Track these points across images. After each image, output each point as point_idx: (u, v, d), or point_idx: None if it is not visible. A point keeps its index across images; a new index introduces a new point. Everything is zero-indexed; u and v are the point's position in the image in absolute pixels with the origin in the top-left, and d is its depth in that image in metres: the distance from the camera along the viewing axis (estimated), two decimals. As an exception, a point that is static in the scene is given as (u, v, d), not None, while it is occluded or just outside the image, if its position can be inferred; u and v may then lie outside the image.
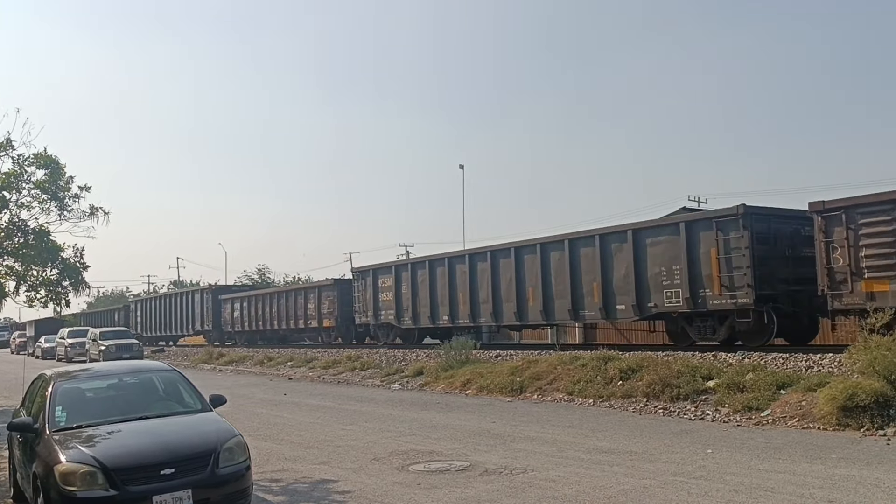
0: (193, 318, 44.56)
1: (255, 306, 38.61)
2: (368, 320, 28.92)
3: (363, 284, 29.12)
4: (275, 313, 36.60)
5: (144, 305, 53.48)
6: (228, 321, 41.34)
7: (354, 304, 29.74)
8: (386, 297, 27.93)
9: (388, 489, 8.61)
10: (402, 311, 27.03)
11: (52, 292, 14.82)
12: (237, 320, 40.33)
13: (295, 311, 34.82)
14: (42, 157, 14.24)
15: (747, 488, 7.84)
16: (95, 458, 6.81)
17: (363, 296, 29.13)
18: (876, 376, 11.06)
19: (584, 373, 15.91)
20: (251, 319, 38.88)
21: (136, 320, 53.60)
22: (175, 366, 11.15)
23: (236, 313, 40.49)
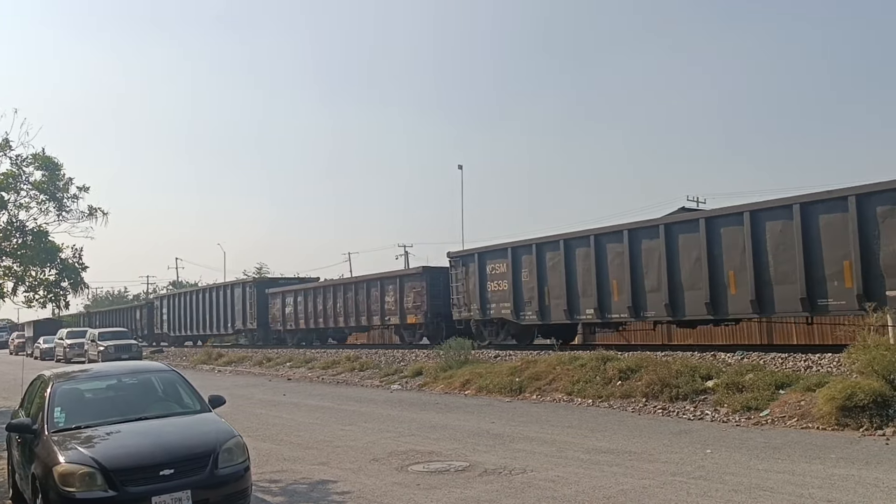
0: (233, 315, 39.67)
1: (313, 301, 33.36)
2: (471, 315, 24.02)
3: (464, 272, 24.25)
4: (339, 309, 31.50)
5: (172, 302, 48.26)
6: (278, 318, 36.26)
7: (452, 295, 24.84)
8: (498, 286, 22.82)
9: (388, 490, 8.61)
10: (522, 303, 22.01)
11: (51, 293, 14.82)
12: (289, 317, 35.30)
13: (368, 305, 29.64)
14: (40, 158, 14.25)
15: (746, 488, 7.84)
16: (94, 459, 6.80)
17: (464, 286, 24.17)
18: (875, 376, 11.07)
19: (583, 373, 15.91)
20: (308, 316, 33.77)
21: (160, 319, 49.70)
22: (174, 366, 11.16)
23: (288, 309, 35.34)
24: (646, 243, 18.26)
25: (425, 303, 26.73)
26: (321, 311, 32.90)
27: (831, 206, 14.75)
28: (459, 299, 24.63)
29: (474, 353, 20.61)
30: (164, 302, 50.35)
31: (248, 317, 38.09)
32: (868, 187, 14.35)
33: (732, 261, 16.30)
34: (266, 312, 37.31)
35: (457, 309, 24.77)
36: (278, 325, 36.42)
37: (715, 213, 17.36)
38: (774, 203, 15.83)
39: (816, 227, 14.91)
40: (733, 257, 16.27)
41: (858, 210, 14.26)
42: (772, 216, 15.67)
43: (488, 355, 20.64)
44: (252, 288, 38.19)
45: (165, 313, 48.82)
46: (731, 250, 16.35)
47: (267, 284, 38.75)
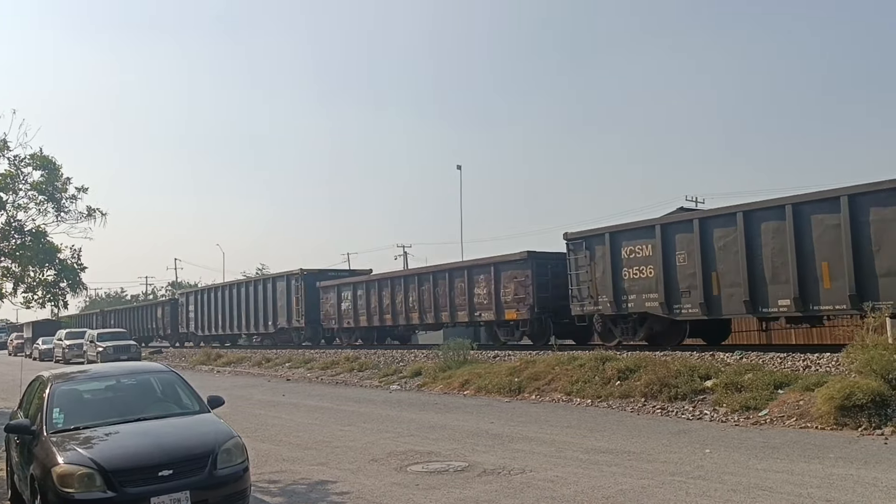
0: (275, 312, 35.06)
1: (377, 295, 28.63)
2: (598, 308, 19.98)
3: (587, 257, 20.14)
4: (412, 303, 26.84)
5: (201, 298, 43.11)
6: (332, 315, 31.50)
7: (571, 285, 20.67)
8: (639, 272, 18.86)
9: (387, 490, 8.61)
10: (677, 294, 17.93)
11: (50, 293, 14.81)
12: (346, 314, 30.52)
13: (450, 299, 25.01)
14: (38, 158, 14.24)
15: (745, 488, 7.85)
16: (93, 460, 6.80)
17: (588, 273, 20.05)
18: (873, 376, 11.08)
19: (582, 373, 15.91)
20: (371, 312, 28.99)
21: (186, 317, 44.78)
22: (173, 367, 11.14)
23: (345, 304, 30.60)
24: (877, 212, 14.32)
25: (530, 295, 22.16)
26: (387, 306, 28.08)
27: None
28: (581, 290, 20.40)
29: (473, 353, 20.61)
30: (191, 298, 44.85)
31: (295, 313, 33.47)
32: None
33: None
34: (316, 308, 32.65)
35: (577, 302, 20.56)
36: (332, 322, 31.70)
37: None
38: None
39: None
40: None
41: None
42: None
43: (487, 355, 20.64)
44: (300, 281, 33.22)
45: (192, 311, 43.93)
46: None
47: (316, 277, 33.46)
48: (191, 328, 44.36)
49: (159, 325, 50.47)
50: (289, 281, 34.27)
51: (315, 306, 32.77)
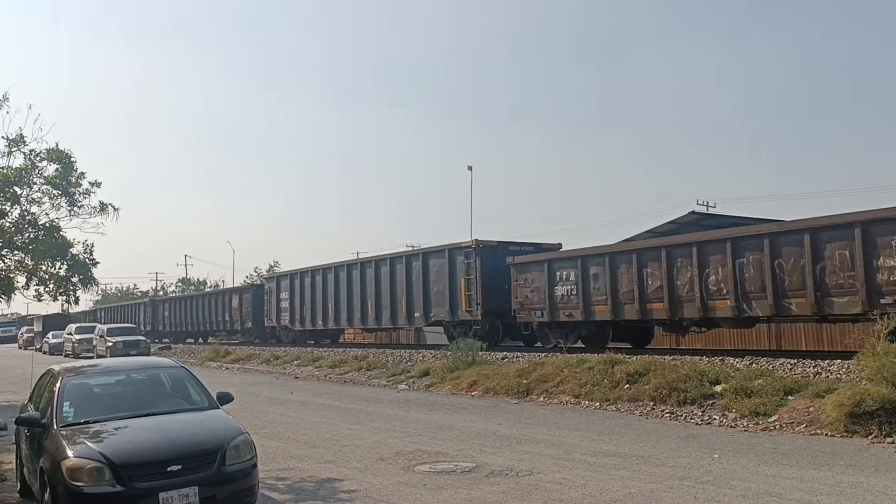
0: (426, 300, 25.45)
1: (610, 273, 19.09)
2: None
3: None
4: (695, 286, 16.93)
5: (303, 283, 33.25)
6: (537, 304, 21.22)
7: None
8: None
9: (394, 489, 8.61)
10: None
11: (61, 287, 14.88)
12: (566, 301, 20.39)
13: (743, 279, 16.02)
14: (54, 152, 14.31)
15: (754, 494, 7.81)
16: (102, 454, 6.84)
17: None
18: (884, 383, 11.00)
19: (591, 376, 15.86)
20: (623, 299, 18.86)
21: (277, 307, 35.37)
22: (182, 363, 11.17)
23: (565, 289, 20.50)
24: None
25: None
26: (629, 289, 18.60)
27: None
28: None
29: (482, 354, 20.58)
30: (285, 283, 34.81)
31: (464, 302, 23.75)
32: None
33: None
34: (500, 294, 22.68)
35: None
36: (535, 313, 21.37)
37: None
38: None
39: None
40: None
41: None
42: None
43: (495, 357, 20.61)
44: (473, 256, 23.59)
45: (287, 299, 34.51)
46: None
47: (495, 251, 23.63)
48: (283, 321, 34.99)
49: (234, 318, 40.45)
50: (452, 256, 24.42)
51: (498, 291, 22.76)
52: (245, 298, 39.79)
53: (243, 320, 39.83)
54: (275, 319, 35.81)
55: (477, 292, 23.34)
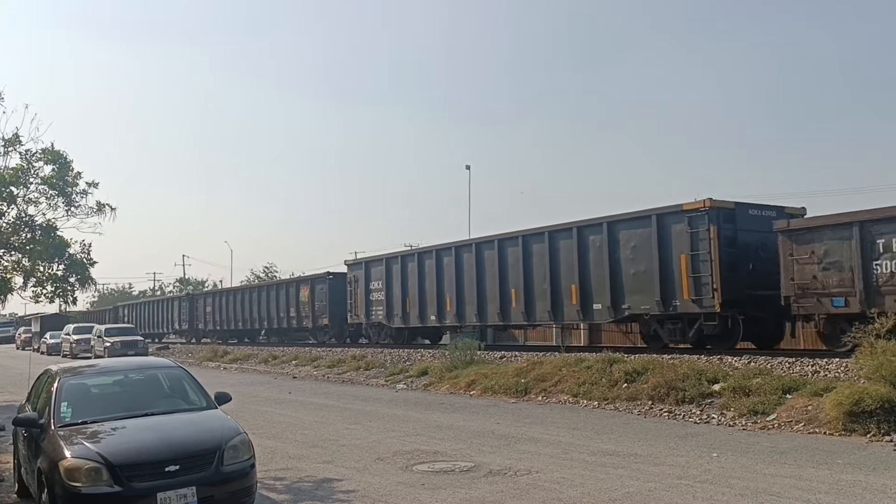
0: (616, 283, 18.87)
1: None
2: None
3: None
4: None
5: (401, 268, 26.70)
6: (834, 283, 14.60)
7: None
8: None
9: (392, 489, 8.60)
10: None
11: (59, 288, 14.86)
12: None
13: None
14: (50, 153, 14.29)
15: (753, 492, 7.81)
16: (100, 455, 6.82)
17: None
18: (882, 382, 11.02)
19: (589, 375, 15.88)
20: None
21: (364, 298, 28.66)
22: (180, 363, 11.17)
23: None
24: None
25: None
26: None
27: None
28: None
29: (480, 354, 20.60)
30: (378, 269, 27.96)
31: (691, 287, 17.02)
32: None
33: None
34: (740, 276, 16.80)
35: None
36: (836, 300, 14.65)
37: None
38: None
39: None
40: None
41: None
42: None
43: (494, 356, 20.62)
44: (708, 224, 16.77)
45: (380, 288, 27.74)
46: None
47: (733, 215, 17.09)
48: (376, 317, 28.40)
49: (304, 314, 34.06)
50: (664, 225, 17.80)
51: (738, 271, 16.74)
52: (319, 290, 32.60)
53: (316, 316, 32.65)
54: (363, 315, 28.68)
55: (714, 273, 16.55)
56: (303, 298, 33.82)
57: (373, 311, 28.50)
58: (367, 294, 28.58)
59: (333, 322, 31.81)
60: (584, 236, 19.82)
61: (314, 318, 32.95)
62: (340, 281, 31.25)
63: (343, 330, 31.86)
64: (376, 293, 28.17)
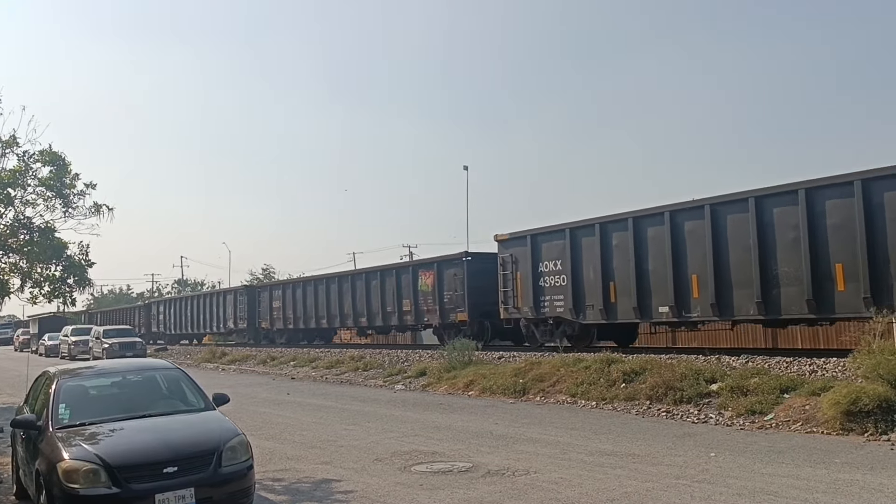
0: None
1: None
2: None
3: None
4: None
5: (576, 243, 19.98)
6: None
7: None
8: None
9: (391, 489, 8.61)
10: None
11: (57, 289, 14.85)
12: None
13: None
14: (47, 154, 14.28)
15: (750, 492, 7.82)
16: (98, 456, 6.83)
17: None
18: (880, 381, 11.03)
19: (587, 375, 15.89)
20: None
21: (531, 283, 21.04)
22: (178, 364, 11.18)
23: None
24: None
25: None
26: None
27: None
28: None
29: (478, 354, 20.60)
30: (552, 245, 20.81)
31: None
32: None
33: None
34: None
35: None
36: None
37: None
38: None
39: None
40: None
41: None
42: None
43: (492, 356, 20.63)
44: None
45: (555, 267, 20.49)
46: None
47: None
48: (521, 305, 21.70)
49: (410, 307, 27.37)
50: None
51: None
52: (451, 275, 25.20)
53: (445, 310, 25.42)
54: (529, 307, 21.17)
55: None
56: (423, 287, 26.42)
57: (545, 301, 20.92)
58: (537, 279, 21.07)
59: (473, 318, 24.40)
60: None
61: (443, 312, 25.41)
62: (480, 264, 24.20)
63: (484, 328, 24.47)
64: (552, 277, 20.62)
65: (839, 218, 14.42)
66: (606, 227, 19.14)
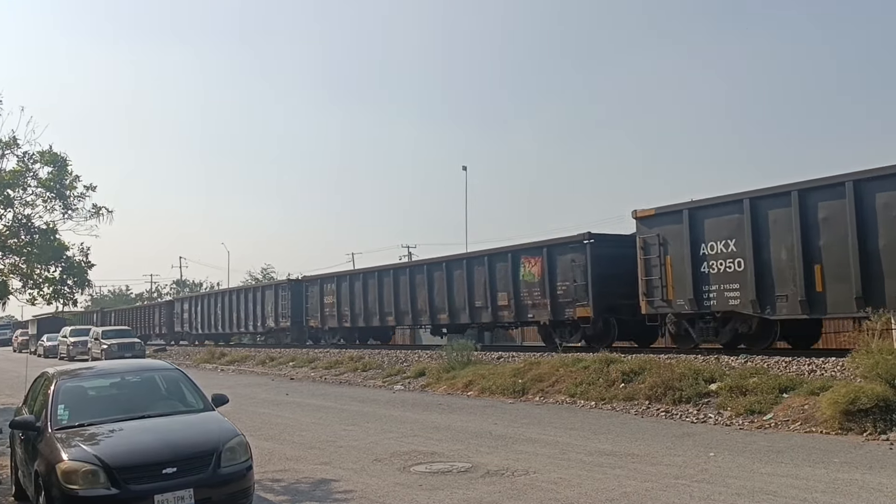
0: None
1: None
2: None
3: None
4: None
5: (756, 217, 15.80)
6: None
7: None
8: None
9: (390, 490, 8.61)
10: None
11: (57, 291, 14.84)
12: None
13: None
14: (48, 155, 14.28)
15: (749, 492, 7.83)
16: (97, 457, 6.82)
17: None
18: (879, 380, 11.05)
19: (586, 375, 15.89)
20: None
21: (690, 269, 17.03)
22: (177, 365, 11.18)
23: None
24: None
25: None
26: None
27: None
28: None
29: (477, 354, 20.61)
30: (718, 221, 16.72)
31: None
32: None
33: None
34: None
35: None
36: None
37: None
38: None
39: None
40: None
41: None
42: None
43: (491, 357, 20.63)
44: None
45: (726, 248, 16.45)
46: None
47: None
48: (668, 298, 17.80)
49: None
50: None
51: None
52: (568, 262, 20.65)
53: (559, 305, 21.10)
54: (686, 297, 17.20)
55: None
56: (526, 277, 21.87)
57: (711, 291, 16.84)
58: (698, 264, 17.02)
59: (598, 313, 20.12)
60: None
61: (556, 307, 20.92)
62: (606, 247, 20.29)
63: (609, 326, 20.60)
64: (723, 261, 16.61)
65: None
66: (809, 194, 15.00)
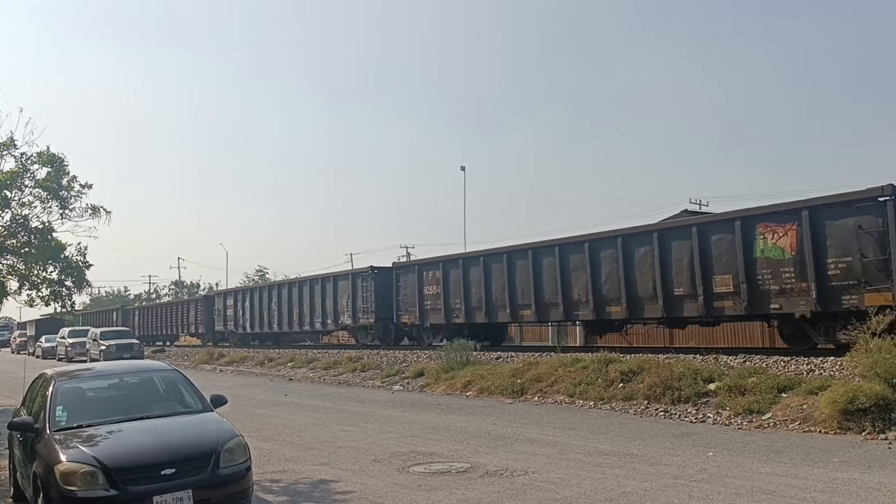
0: None
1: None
2: None
3: None
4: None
5: None
6: None
7: None
8: None
9: (389, 490, 8.60)
10: None
11: (54, 291, 14.81)
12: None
13: None
14: (46, 156, 14.26)
15: (748, 491, 7.83)
16: (96, 458, 6.81)
17: None
18: (877, 380, 11.05)
19: (585, 375, 15.89)
20: None
21: None
22: (175, 366, 11.17)
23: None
24: None
25: None
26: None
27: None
28: None
29: (476, 354, 20.60)
30: None
31: None
32: None
33: None
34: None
35: None
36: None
37: None
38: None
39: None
40: None
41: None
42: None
43: (490, 357, 20.62)
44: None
45: None
46: None
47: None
48: None
49: None
50: None
51: None
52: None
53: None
54: None
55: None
56: (768, 252, 15.78)
57: None
58: None
59: None
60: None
61: (825, 292, 14.78)
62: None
63: None
64: None
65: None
66: None
